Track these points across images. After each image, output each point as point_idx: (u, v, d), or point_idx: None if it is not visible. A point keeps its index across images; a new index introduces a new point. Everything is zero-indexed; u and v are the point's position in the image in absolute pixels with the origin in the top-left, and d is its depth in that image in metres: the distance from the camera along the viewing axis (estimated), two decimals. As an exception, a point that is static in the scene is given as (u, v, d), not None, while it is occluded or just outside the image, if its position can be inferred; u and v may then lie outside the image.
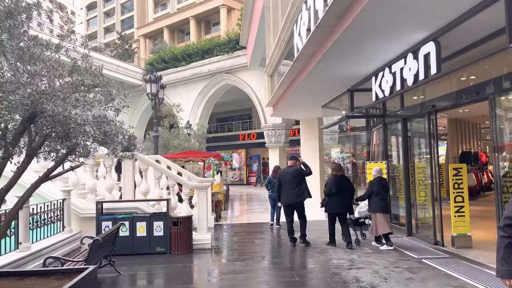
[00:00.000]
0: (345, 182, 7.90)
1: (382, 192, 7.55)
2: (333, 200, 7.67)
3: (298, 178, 7.92)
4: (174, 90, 31.01)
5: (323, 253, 7.25)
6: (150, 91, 11.70)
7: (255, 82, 25.66)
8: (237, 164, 34.37)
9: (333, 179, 7.84)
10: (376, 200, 7.54)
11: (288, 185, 7.90)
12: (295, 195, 7.86)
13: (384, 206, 7.53)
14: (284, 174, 8.11)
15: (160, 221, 7.43)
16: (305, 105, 12.29)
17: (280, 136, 25.23)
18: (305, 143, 15.46)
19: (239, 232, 9.91)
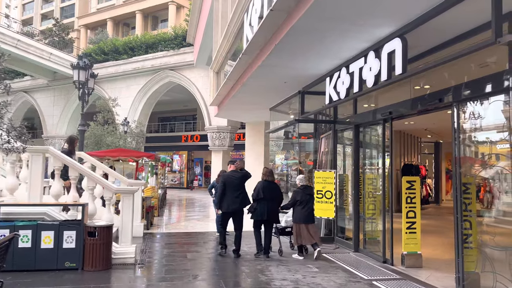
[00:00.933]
0: (274, 189, 7.55)
1: (305, 201, 7.37)
2: (261, 206, 7.29)
3: (243, 184, 7.51)
4: (114, 84, 28.99)
5: (263, 272, 6.38)
6: (78, 78, 10.23)
7: (200, 82, 24.54)
8: (177, 167, 32.85)
9: (262, 184, 7.47)
10: (299, 209, 7.35)
11: (233, 191, 7.34)
12: (240, 201, 7.36)
13: (307, 216, 7.34)
14: (231, 178, 7.48)
15: (72, 231, 6.14)
16: (252, 106, 11.49)
17: (225, 140, 24.30)
18: (250, 148, 14.65)
19: (171, 243, 8.79)
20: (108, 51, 29.30)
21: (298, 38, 5.73)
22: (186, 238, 9.35)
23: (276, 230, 7.73)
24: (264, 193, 7.31)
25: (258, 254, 7.34)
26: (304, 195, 7.45)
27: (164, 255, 7.56)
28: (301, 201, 7.36)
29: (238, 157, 32.22)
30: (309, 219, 7.39)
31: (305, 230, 7.26)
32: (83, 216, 6.21)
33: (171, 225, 11.69)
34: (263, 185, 7.43)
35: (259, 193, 7.32)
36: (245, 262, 7.01)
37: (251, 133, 14.65)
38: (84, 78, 10.24)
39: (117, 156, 9.88)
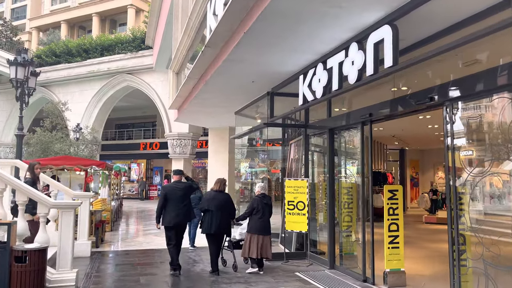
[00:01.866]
0: (224, 199, 6.94)
1: (262, 211, 6.94)
2: (207, 219, 6.77)
3: (188, 196, 7.06)
4: (66, 88, 27.12)
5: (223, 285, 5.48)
6: (15, 76, 8.91)
7: (160, 86, 23.34)
8: (135, 176, 31.21)
9: (209, 194, 7.08)
10: (255, 219, 6.93)
11: (176, 203, 6.77)
12: (184, 215, 6.82)
13: (263, 226, 6.92)
14: (173, 190, 6.92)
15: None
16: (216, 110, 10.61)
17: (186, 147, 23.15)
18: (214, 155, 13.72)
19: (123, 264, 7.67)
20: (60, 53, 27.42)
21: (270, 25, 4.94)
22: (141, 257, 8.26)
23: (230, 243, 7.20)
24: (210, 204, 6.78)
25: (214, 273, 6.78)
26: (262, 204, 6.99)
27: (114, 280, 6.47)
28: (258, 210, 6.93)
29: (201, 166, 31.11)
30: (264, 231, 6.91)
31: (256, 241, 6.81)
32: (9, 237, 5.05)
33: (126, 241, 10.50)
34: (209, 196, 6.99)
35: (204, 204, 6.91)
36: (202, 282, 6.09)
37: (214, 139, 13.73)
38: (23, 76, 8.95)
39: (61, 165, 8.59)
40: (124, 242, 10.37)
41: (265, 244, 6.86)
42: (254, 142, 21.68)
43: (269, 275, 6.70)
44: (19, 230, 5.48)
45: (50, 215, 7.65)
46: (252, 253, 6.81)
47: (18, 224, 5.46)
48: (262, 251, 6.81)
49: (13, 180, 5.55)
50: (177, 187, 6.93)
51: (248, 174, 22.02)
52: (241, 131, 10.62)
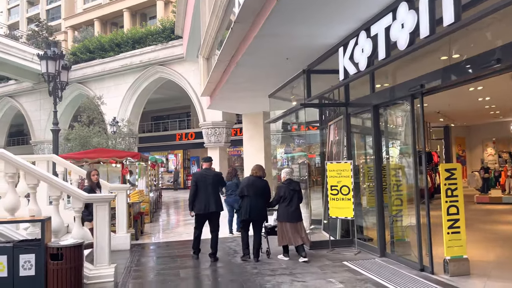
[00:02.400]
0: (261, 185, 6.86)
1: (289, 198, 6.68)
2: (245, 205, 6.73)
3: (217, 184, 7.04)
4: (101, 83, 27.56)
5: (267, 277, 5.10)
6: (47, 70, 8.85)
7: (192, 76, 23.18)
8: (173, 167, 31.51)
9: (247, 180, 6.98)
10: (283, 206, 6.72)
11: (206, 190, 6.82)
12: (215, 202, 6.82)
13: (292, 213, 6.64)
14: (202, 177, 6.96)
15: (29, 254, 4.81)
16: (249, 94, 10.17)
17: (221, 136, 22.98)
18: (248, 142, 13.34)
19: (163, 257, 7.47)
20: (94, 49, 27.85)
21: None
22: (181, 249, 8.03)
23: (264, 229, 7.07)
24: (248, 190, 6.72)
25: (245, 257, 6.76)
26: (289, 190, 6.73)
27: (153, 274, 6.25)
28: (285, 197, 6.69)
29: (236, 154, 30.96)
30: (293, 217, 6.66)
31: (286, 229, 6.62)
32: (43, 234, 4.88)
33: (165, 232, 10.37)
34: (247, 181, 6.92)
35: (243, 190, 6.80)
36: (245, 274, 5.75)
37: (248, 126, 13.32)
38: (53, 70, 8.87)
39: (96, 158, 8.50)
40: (164, 233, 10.25)
41: (296, 231, 6.60)
42: (289, 127, 21.15)
43: (315, 266, 6.26)
44: (54, 227, 5.32)
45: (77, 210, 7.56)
46: (283, 241, 6.67)
47: (53, 220, 5.30)
48: (294, 238, 6.55)
49: (45, 174, 5.38)
50: (207, 174, 6.95)
51: (284, 160, 21.58)
52: (276, 115, 10.12)
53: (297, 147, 10.68)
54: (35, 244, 4.87)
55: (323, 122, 9.78)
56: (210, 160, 7.33)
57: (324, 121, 9.74)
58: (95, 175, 6.63)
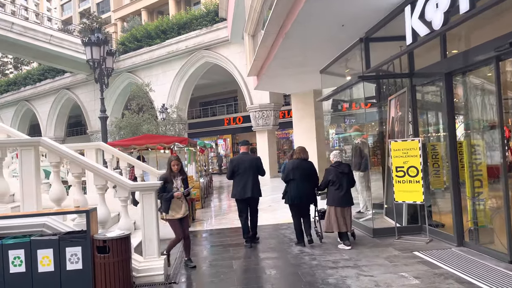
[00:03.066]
0: (308, 167, 6.58)
1: (338, 181, 6.32)
2: (291, 189, 6.49)
3: (254, 169, 6.77)
4: (150, 71, 27.88)
5: (328, 271, 4.51)
6: (91, 57, 8.69)
7: (237, 58, 22.72)
8: (223, 151, 31.55)
9: (291, 163, 6.66)
10: (332, 190, 6.39)
11: (243, 175, 6.66)
12: (251, 189, 6.63)
13: (341, 198, 6.29)
14: (240, 162, 6.78)
15: (76, 246, 4.57)
16: (298, 70, 9.48)
17: (269, 118, 22.48)
18: (299, 123, 12.67)
19: (216, 246, 7.12)
20: (141, 37, 28.13)
21: None
22: (233, 237, 7.65)
23: (318, 213, 6.84)
24: (294, 173, 6.45)
25: (299, 244, 6.52)
26: (337, 173, 6.37)
27: (206, 265, 5.89)
28: (334, 181, 6.35)
29: (285, 136, 30.36)
30: (343, 202, 6.31)
31: (335, 214, 6.28)
32: (88, 226, 4.61)
33: (217, 218, 10.07)
34: (292, 164, 6.58)
35: (288, 174, 6.53)
36: (303, 267, 5.21)
37: (298, 106, 12.63)
38: (98, 56, 8.69)
39: (144, 144, 8.26)
40: (215, 219, 9.95)
41: (343, 216, 6.26)
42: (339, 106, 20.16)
43: (382, 256, 5.60)
44: (101, 217, 5.07)
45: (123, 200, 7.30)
46: (331, 227, 6.31)
47: (99, 210, 5.04)
48: (338, 224, 6.24)
49: (89, 163, 5.11)
50: (244, 159, 6.77)
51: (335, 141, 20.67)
52: (328, 92, 9.36)
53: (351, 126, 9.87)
54: (81, 236, 4.62)
55: (380, 97, 8.93)
56: (248, 144, 7.10)
57: (382, 97, 8.88)
58: (175, 165, 5.92)
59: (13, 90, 39.79)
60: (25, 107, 39.51)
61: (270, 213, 10.19)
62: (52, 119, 36.49)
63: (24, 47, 25.99)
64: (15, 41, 24.95)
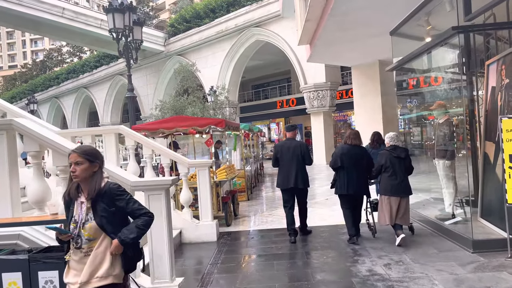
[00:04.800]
0: (358, 153, 5.90)
1: (393, 167, 5.66)
2: (341, 178, 5.88)
3: (299, 157, 6.13)
4: (199, 53, 26.87)
5: None
6: (114, 25, 7.43)
7: (290, 34, 20.93)
8: (275, 136, 30.05)
9: (341, 149, 6.01)
10: (385, 177, 5.74)
11: (287, 163, 6.14)
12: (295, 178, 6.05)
13: (395, 186, 5.60)
14: (284, 148, 6.23)
15: (51, 270, 3.28)
16: (360, 33, 7.63)
17: (324, 99, 20.54)
18: (360, 101, 10.74)
19: (258, 256, 5.59)
20: (190, 17, 27.14)
21: None
22: (280, 243, 6.09)
23: (370, 205, 6.12)
24: (343, 160, 5.82)
25: (351, 239, 5.82)
26: (391, 158, 5.69)
27: (242, 280, 4.42)
28: (387, 167, 5.69)
29: (342, 119, 28.14)
30: (397, 191, 5.60)
31: (389, 204, 5.60)
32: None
33: (264, 214, 8.56)
34: (341, 150, 5.94)
35: (336, 161, 5.88)
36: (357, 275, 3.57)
37: (360, 81, 10.69)
38: (122, 25, 7.42)
39: (173, 127, 6.85)
40: (263, 216, 8.43)
41: (401, 208, 5.54)
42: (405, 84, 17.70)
43: (486, 281, 3.79)
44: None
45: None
46: (384, 220, 5.62)
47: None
48: (397, 216, 5.52)
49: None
50: (288, 146, 6.19)
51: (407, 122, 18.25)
52: (402, 59, 7.38)
53: (435, 102, 7.88)
54: (58, 256, 3.31)
55: (471, 64, 6.83)
56: (294, 129, 6.49)
57: (472, 63, 6.79)
58: (76, 170, 4.33)
59: (73, 77, 40.94)
60: (84, 94, 40.53)
61: (328, 208, 8.53)
62: (108, 105, 37.01)
63: (76, 33, 26.00)
64: (67, 27, 24.95)
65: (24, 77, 55.41)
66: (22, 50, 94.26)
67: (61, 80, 42.87)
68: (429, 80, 8.54)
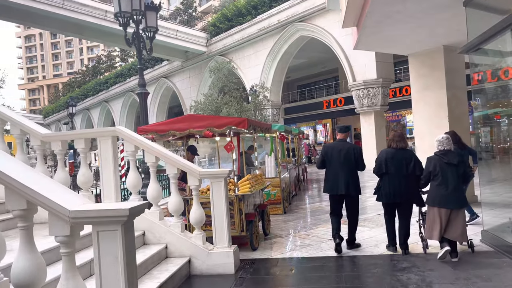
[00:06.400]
0: (404, 158, 5.29)
1: (442, 174, 4.95)
2: (386, 184, 5.34)
3: (351, 161, 5.54)
4: (241, 52, 25.82)
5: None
6: (119, 9, 6.30)
7: (336, 28, 19.28)
8: (322, 138, 28.28)
9: (384, 152, 5.45)
10: (433, 186, 5.06)
11: (336, 167, 5.55)
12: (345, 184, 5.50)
13: (445, 196, 4.89)
14: (332, 150, 5.67)
15: None
16: (419, 9, 5.95)
17: (375, 97, 18.65)
18: (420, 96, 8.93)
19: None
20: (231, 16, 26.20)
21: None
22: (319, 278, 4.61)
23: (422, 216, 5.49)
24: (388, 166, 5.33)
25: (390, 248, 5.45)
26: (441, 164, 5.00)
27: None
28: (436, 174, 5.00)
29: (395, 119, 25.84)
30: (447, 202, 4.89)
31: (439, 216, 4.92)
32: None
33: (302, 235, 7.02)
34: (385, 155, 5.43)
35: (381, 167, 5.39)
36: None
37: (419, 71, 8.88)
38: (129, 8, 6.28)
39: (186, 129, 5.53)
40: (299, 236, 6.89)
41: (452, 222, 4.91)
42: (482, 72, 15.42)
43: None
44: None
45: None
46: (430, 233, 5.04)
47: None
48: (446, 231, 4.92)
49: None
50: (339, 147, 5.71)
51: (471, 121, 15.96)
52: (482, 34, 5.59)
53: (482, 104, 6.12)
54: None
55: None
56: (346, 130, 5.92)
57: None
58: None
59: (120, 81, 41.56)
60: (131, 98, 41.00)
61: (381, 227, 6.87)
62: (153, 108, 37.00)
63: (117, 35, 25.88)
64: (108, 29, 24.83)
65: (77, 83, 57.65)
66: (79, 58, 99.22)
67: (109, 84, 43.80)
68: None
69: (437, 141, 5.29)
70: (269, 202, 8.45)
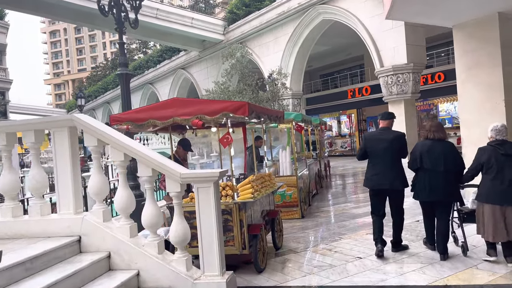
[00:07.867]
0: (443, 151, 4.72)
1: (497, 167, 4.33)
2: (421, 180, 4.80)
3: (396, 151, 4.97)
4: (260, 39, 24.38)
5: None
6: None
7: (362, 9, 17.60)
8: (346, 130, 26.60)
9: (421, 145, 4.92)
10: (486, 180, 4.45)
11: (379, 159, 4.98)
12: (389, 177, 4.92)
13: (502, 192, 4.29)
14: (375, 140, 5.11)
15: None
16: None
17: (406, 84, 16.93)
18: (467, 77, 7.33)
19: None
20: (249, 1, 24.73)
21: None
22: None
23: (459, 215, 4.89)
24: (424, 160, 4.75)
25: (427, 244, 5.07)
26: (497, 156, 4.36)
27: None
28: (490, 167, 4.38)
29: (427, 108, 23.86)
30: (504, 198, 4.29)
31: (492, 215, 4.32)
32: None
33: (322, 249, 5.63)
34: (421, 148, 4.85)
35: (415, 160, 4.83)
36: None
37: (467, 46, 7.27)
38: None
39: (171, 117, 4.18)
40: (317, 252, 5.51)
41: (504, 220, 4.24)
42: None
43: None
44: None
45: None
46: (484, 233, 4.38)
47: None
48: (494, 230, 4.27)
49: None
50: (381, 137, 5.06)
51: None
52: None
53: None
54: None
55: None
56: (390, 118, 5.28)
57: None
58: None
59: (139, 74, 40.83)
60: (150, 90, 40.27)
61: (421, 240, 5.43)
62: (171, 100, 36.08)
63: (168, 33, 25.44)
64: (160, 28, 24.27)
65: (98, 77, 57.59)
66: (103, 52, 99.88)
67: (128, 77, 43.15)
68: None
69: (494, 130, 4.64)
70: (284, 205, 7.13)
